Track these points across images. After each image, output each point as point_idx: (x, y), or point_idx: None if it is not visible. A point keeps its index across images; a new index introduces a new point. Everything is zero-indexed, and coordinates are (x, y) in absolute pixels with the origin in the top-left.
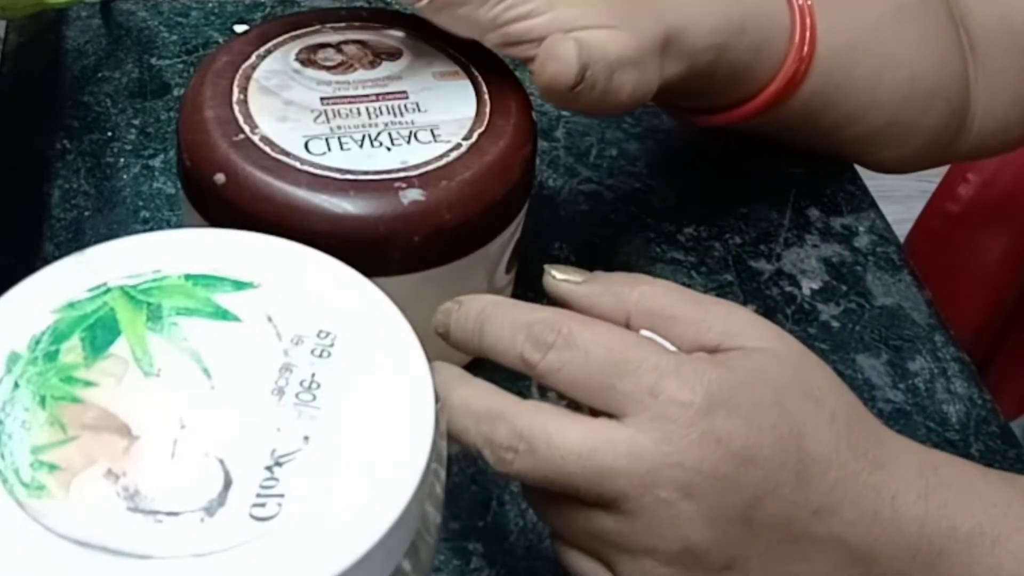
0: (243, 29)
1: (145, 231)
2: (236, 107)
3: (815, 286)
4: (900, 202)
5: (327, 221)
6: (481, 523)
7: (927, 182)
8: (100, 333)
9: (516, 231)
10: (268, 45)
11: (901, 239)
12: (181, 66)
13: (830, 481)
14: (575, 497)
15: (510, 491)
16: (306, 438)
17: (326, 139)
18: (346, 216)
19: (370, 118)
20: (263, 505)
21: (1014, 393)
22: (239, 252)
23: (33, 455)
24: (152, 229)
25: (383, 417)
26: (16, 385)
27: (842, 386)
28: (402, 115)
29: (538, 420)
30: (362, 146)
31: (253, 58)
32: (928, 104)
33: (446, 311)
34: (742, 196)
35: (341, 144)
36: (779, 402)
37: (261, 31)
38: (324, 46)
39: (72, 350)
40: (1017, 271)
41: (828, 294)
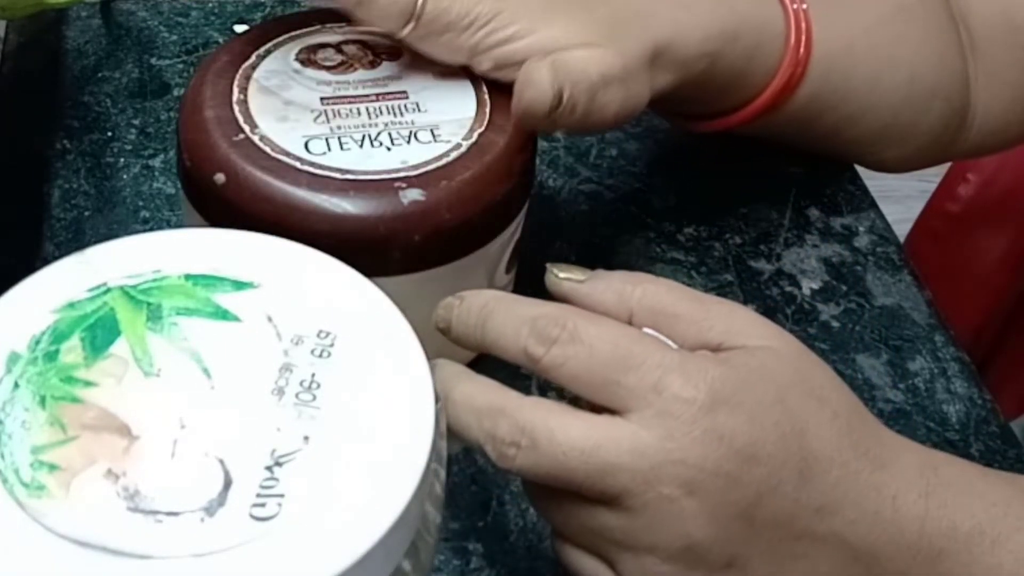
0: (243, 29)
1: (145, 231)
2: (236, 107)
3: (815, 286)
4: (900, 202)
5: (327, 221)
6: (481, 523)
7: (927, 182)
8: (100, 333)
9: (516, 231)
10: (268, 45)
11: (901, 239)
12: (181, 66)
13: (832, 480)
14: (577, 494)
15: (510, 491)
16: (306, 438)
17: (326, 139)
18: (346, 216)
19: (370, 118)
20: (263, 505)
21: (1014, 393)
22: (239, 252)
23: (33, 455)
24: (152, 229)
25: (383, 417)
26: (16, 385)
27: (843, 386)
28: (402, 115)
29: (541, 415)
30: (362, 146)
31: (253, 58)
32: (928, 104)
33: (447, 306)
34: (742, 196)
35: (341, 144)
36: (781, 400)
37: (261, 31)
38: (324, 46)
39: (72, 350)
40: (1017, 271)
41: (828, 294)
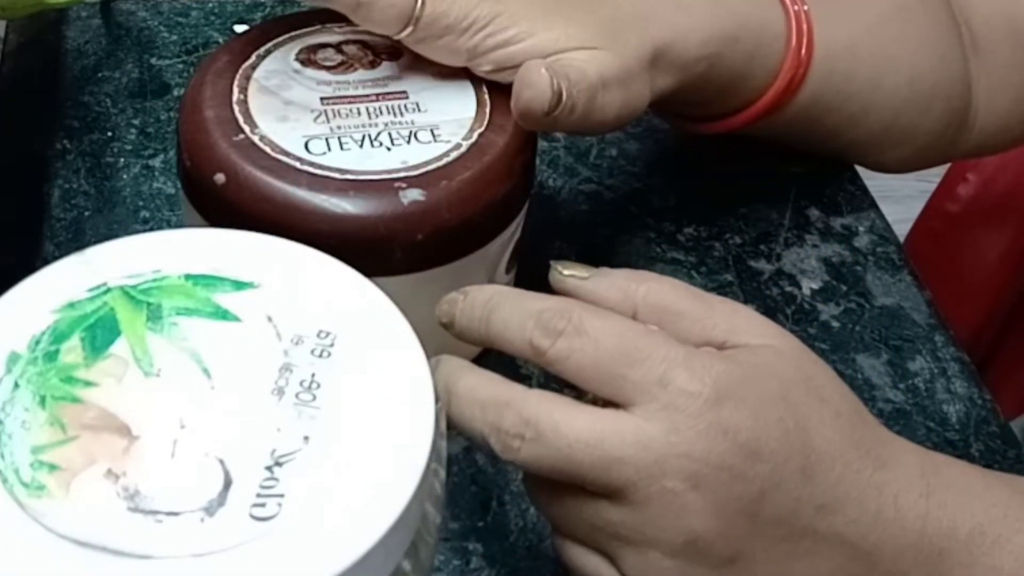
0: (243, 29)
1: (145, 231)
2: (236, 107)
3: (815, 286)
4: (900, 202)
5: (327, 221)
6: (481, 523)
7: (927, 182)
8: (100, 333)
9: (516, 231)
10: (268, 45)
11: (901, 239)
12: (181, 66)
13: (834, 478)
14: (579, 488)
15: (510, 491)
16: (306, 438)
17: (326, 139)
18: (346, 216)
19: (370, 118)
20: (263, 505)
21: (1014, 393)
22: (239, 252)
23: (33, 455)
24: (152, 229)
25: (383, 417)
26: (16, 385)
27: (843, 386)
28: (402, 115)
29: (545, 408)
30: (362, 146)
31: (253, 58)
32: (928, 105)
33: (451, 301)
34: (742, 196)
35: (341, 144)
36: (784, 397)
37: (261, 31)
38: (324, 46)
39: (72, 350)
40: (1017, 271)
41: (828, 294)
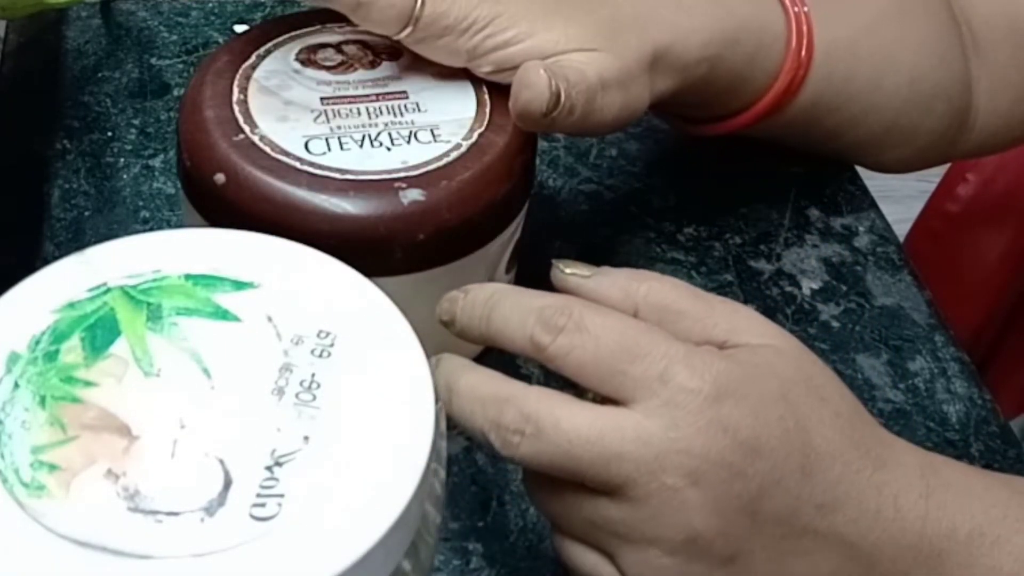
0: (243, 29)
1: (145, 231)
2: (236, 107)
3: (815, 286)
4: (900, 202)
5: (327, 221)
6: (481, 523)
7: (927, 182)
8: (100, 333)
9: (516, 231)
10: (268, 45)
11: (901, 239)
12: (181, 66)
13: (834, 477)
14: (579, 485)
15: (510, 491)
16: (306, 438)
17: (326, 139)
18: (346, 216)
19: (370, 118)
20: (263, 505)
21: (1014, 393)
22: (239, 252)
23: (33, 455)
24: (152, 229)
25: (383, 417)
26: (16, 385)
27: (843, 386)
28: (402, 115)
29: (546, 404)
30: (362, 146)
31: (253, 58)
32: (929, 105)
33: (452, 299)
34: (742, 196)
35: (341, 144)
36: (785, 396)
37: (261, 31)
38: (324, 46)
39: (72, 350)
40: (1017, 271)
41: (828, 294)
